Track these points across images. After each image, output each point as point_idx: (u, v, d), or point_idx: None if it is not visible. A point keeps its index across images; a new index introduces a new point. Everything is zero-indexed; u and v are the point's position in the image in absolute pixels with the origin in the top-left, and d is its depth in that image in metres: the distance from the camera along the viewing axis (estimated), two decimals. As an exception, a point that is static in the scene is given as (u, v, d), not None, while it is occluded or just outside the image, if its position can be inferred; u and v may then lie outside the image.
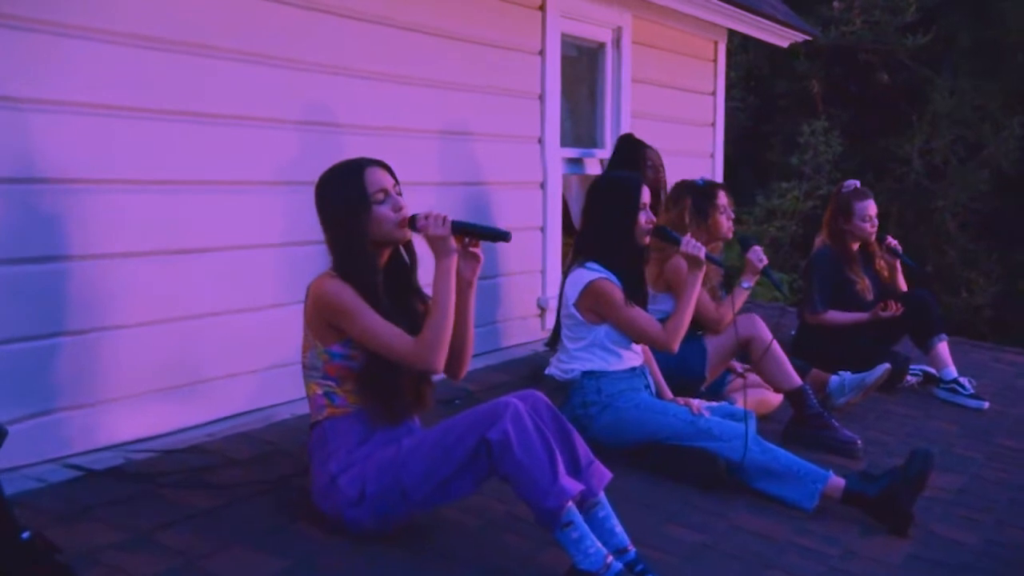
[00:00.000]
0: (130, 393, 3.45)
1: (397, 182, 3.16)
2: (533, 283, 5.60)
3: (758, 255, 4.76)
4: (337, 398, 3.10)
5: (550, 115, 5.63)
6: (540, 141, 5.61)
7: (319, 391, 3.11)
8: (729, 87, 14.84)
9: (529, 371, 4.92)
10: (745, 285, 4.83)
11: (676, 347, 4.25)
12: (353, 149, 4.25)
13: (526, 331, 5.51)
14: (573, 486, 2.97)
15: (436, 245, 3.09)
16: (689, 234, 4.38)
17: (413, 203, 4.83)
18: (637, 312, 4.18)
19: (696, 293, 4.26)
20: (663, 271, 4.89)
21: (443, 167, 4.97)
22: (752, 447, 4.06)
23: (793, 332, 6.53)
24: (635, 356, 4.30)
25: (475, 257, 3.19)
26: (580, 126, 6.36)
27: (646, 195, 4.25)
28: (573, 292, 4.21)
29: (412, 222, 3.10)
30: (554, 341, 4.41)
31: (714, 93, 7.84)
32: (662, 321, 4.27)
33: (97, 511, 2.91)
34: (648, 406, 4.19)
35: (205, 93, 3.67)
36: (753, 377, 5.06)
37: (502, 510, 3.37)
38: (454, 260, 3.10)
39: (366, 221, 3.06)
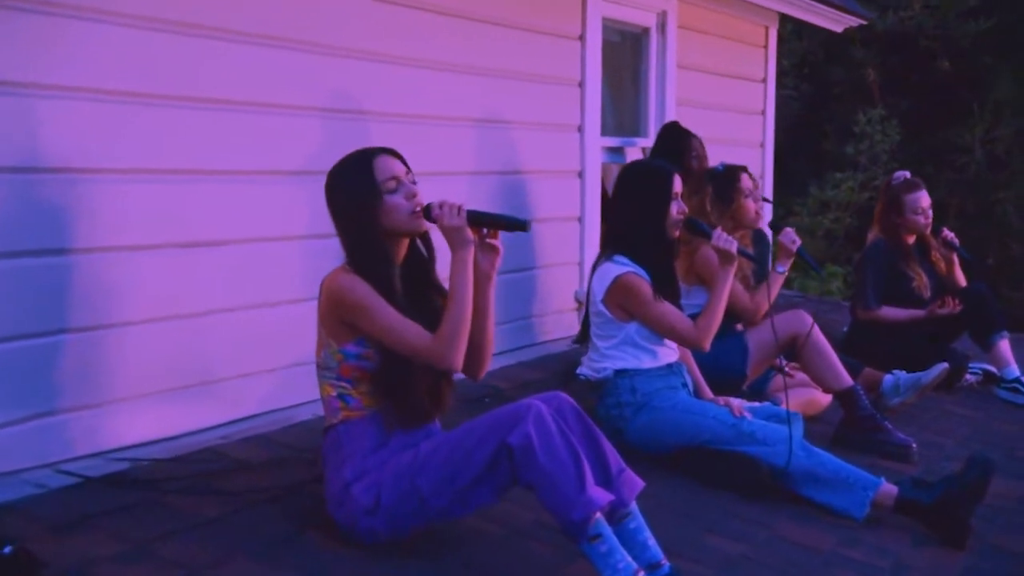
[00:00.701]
0: (137, 393, 3.28)
1: (410, 170, 2.98)
2: (570, 276, 5.39)
3: (790, 237, 4.50)
4: (352, 400, 2.92)
5: (590, 102, 5.42)
6: (579, 129, 5.40)
7: (333, 393, 2.94)
8: (782, 75, 14.53)
9: (563, 368, 4.72)
10: (780, 270, 4.58)
11: (708, 345, 4.03)
12: (382, 138, 4.11)
13: (562, 326, 5.31)
14: (602, 496, 2.77)
15: (451, 236, 2.90)
16: (720, 228, 4.14)
17: (447, 193, 4.66)
18: (667, 308, 3.97)
19: (727, 288, 4.03)
20: (693, 263, 4.65)
21: (478, 156, 4.78)
22: (797, 452, 3.84)
23: (845, 329, 6.30)
24: (670, 352, 4.09)
25: (493, 248, 3.00)
26: (622, 114, 6.15)
27: (678, 184, 4.05)
28: (600, 288, 4.01)
29: (426, 212, 2.92)
30: (583, 337, 4.21)
31: (764, 80, 7.59)
32: (694, 317, 4.06)
33: (96, 520, 2.74)
34: (686, 407, 3.97)
35: (218, 78, 3.51)
36: (801, 376, 4.83)
37: (528, 518, 3.18)
38: (471, 251, 2.92)
39: (378, 211, 2.88)
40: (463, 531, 3.06)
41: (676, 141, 5.65)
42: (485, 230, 2.97)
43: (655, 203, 4.02)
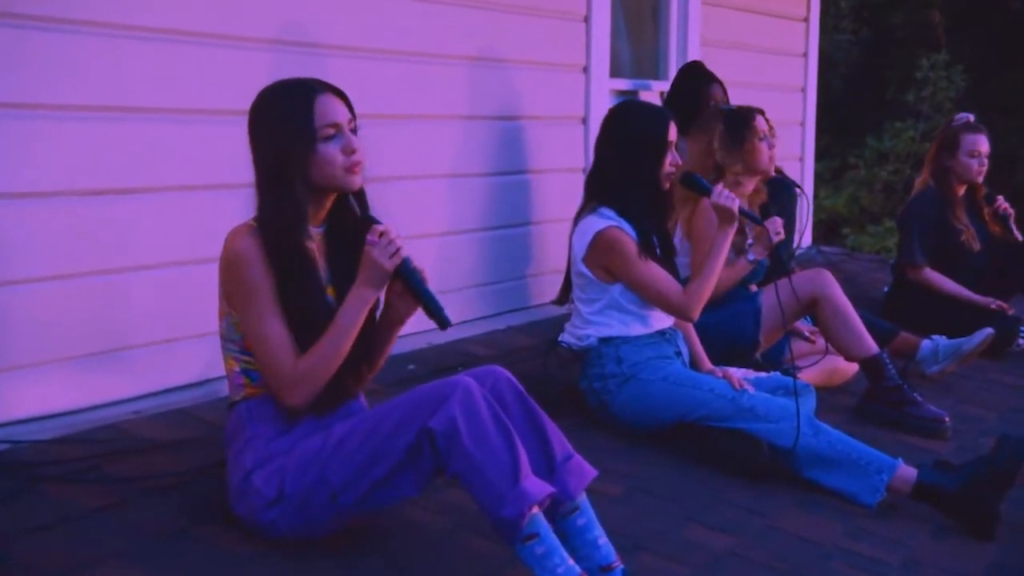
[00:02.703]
0: (29, 361, 2.90)
1: (354, 117, 2.54)
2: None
3: (776, 227, 4.00)
4: (257, 376, 2.53)
5: (597, 40, 4.94)
6: (585, 70, 4.93)
7: (236, 368, 2.55)
8: (840, 18, 13.89)
9: (556, 334, 4.28)
10: (751, 258, 4.07)
11: (696, 315, 3.58)
12: (359, 75, 3.70)
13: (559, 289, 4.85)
14: (538, 489, 2.37)
15: (369, 271, 2.47)
16: (721, 184, 3.67)
17: (437, 138, 4.35)
18: (653, 269, 3.52)
19: (724, 252, 3.57)
20: (694, 215, 4.15)
21: (471, 98, 4.37)
22: (803, 429, 3.39)
23: (886, 289, 5.80)
24: (663, 317, 3.65)
25: (414, 302, 2.57)
26: (639, 54, 5.65)
27: (673, 132, 3.59)
28: (581, 244, 3.57)
29: (366, 220, 2.52)
30: (564, 298, 3.77)
31: (807, 20, 7.04)
32: (685, 282, 3.62)
33: (-51, 512, 2.39)
34: (679, 379, 3.53)
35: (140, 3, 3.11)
36: (822, 343, 4.36)
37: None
38: (377, 295, 2.51)
39: (307, 160, 2.45)
40: (396, 523, 2.69)
41: (694, 85, 5.19)
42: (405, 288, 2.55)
43: (646, 150, 3.57)
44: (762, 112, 4.33)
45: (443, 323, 2.50)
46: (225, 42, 3.37)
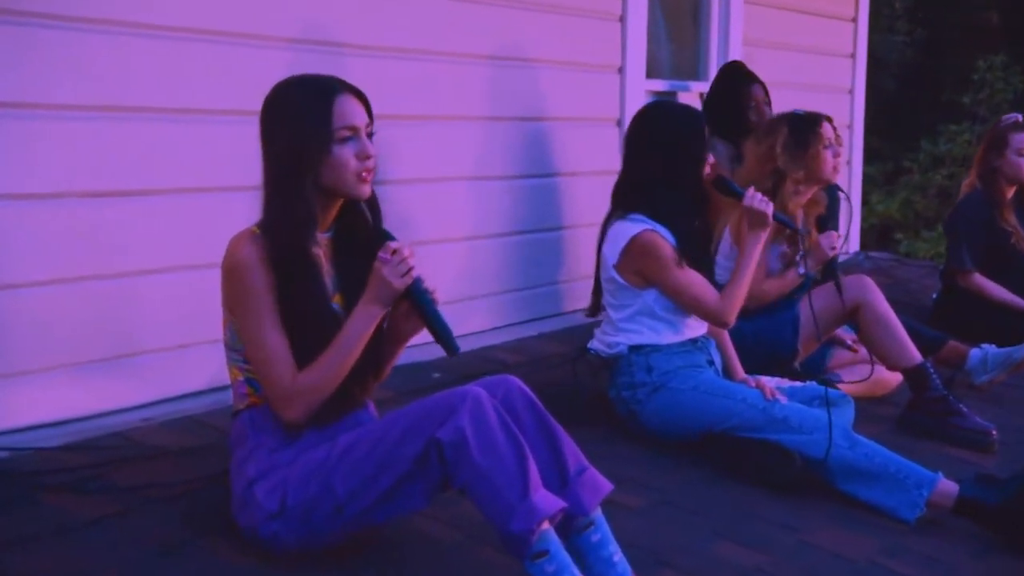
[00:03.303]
0: (36, 367, 2.84)
1: (372, 122, 2.45)
2: (607, 237, 4.82)
3: (831, 241, 3.86)
4: (261, 385, 2.45)
5: (633, 40, 4.83)
6: (620, 70, 4.82)
7: (240, 377, 2.46)
8: (894, 19, 13.64)
9: (586, 342, 4.19)
10: (800, 271, 3.94)
11: (732, 321, 3.48)
12: (376, 76, 3.63)
13: (593, 294, 4.75)
14: (549, 503, 2.27)
15: (377, 286, 2.37)
16: (752, 188, 3.55)
17: (464, 140, 4.27)
18: (692, 276, 3.40)
19: (756, 257, 3.48)
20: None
21: (500, 99, 4.27)
22: (839, 442, 3.26)
23: (935, 295, 5.62)
24: (696, 325, 3.53)
25: (421, 323, 2.48)
26: (678, 54, 5.53)
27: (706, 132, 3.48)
28: (613, 250, 3.46)
29: (380, 236, 2.43)
30: (595, 309, 3.65)
31: (855, 20, 6.87)
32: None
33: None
34: (709, 388, 3.41)
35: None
36: (865, 352, 4.21)
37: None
38: (382, 314, 2.42)
39: (319, 161, 2.36)
40: (405, 534, 2.59)
41: (734, 85, 5.06)
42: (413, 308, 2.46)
43: (685, 152, 3.45)
44: (830, 119, 4.19)
45: (451, 350, 2.40)
46: (237, 40, 3.30)
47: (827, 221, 4.42)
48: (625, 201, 3.53)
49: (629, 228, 3.44)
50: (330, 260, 2.50)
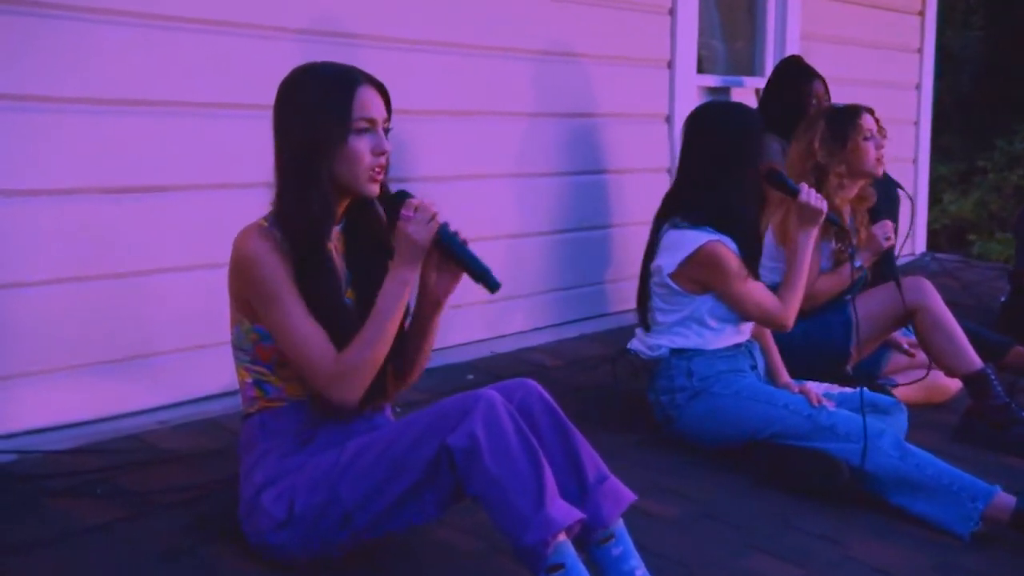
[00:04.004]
0: (48, 368, 2.78)
1: (390, 117, 2.35)
2: (654, 237, 4.69)
3: (885, 231, 3.70)
4: (271, 389, 2.36)
5: (683, 34, 4.70)
6: (669, 65, 4.70)
7: (248, 379, 2.37)
8: (969, 13, 13.26)
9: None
10: (857, 264, 3.77)
11: (792, 324, 3.37)
12: (416, 70, 3.56)
13: (640, 294, 4.63)
14: (565, 514, 2.15)
15: (404, 246, 2.26)
16: (805, 184, 3.41)
17: (507, 136, 4.17)
18: (754, 284, 3.30)
19: (808, 256, 3.38)
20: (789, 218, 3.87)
21: (544, 94, 4.18)
22: (890, 451, 3.10)
23: (1003, 298, 5.41)
24: (739, 332, 3.39)
25: (454, 278, 2.37)
26: (732, 49, 5.38)
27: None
28: (672, 259, 3.31)
29: (399, 197, 2.30)
30: (645, 322, 3.49)
31: (922, 13, 6.66)
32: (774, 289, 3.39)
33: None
34: (751, 393, 3.27)
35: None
36: (924, 356, 4.03)
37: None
38: (416, 273, 2.30)
39: (335, 152, 2.26)
40: (419, 542, 2.49)
41: (794, 81, 4.89)
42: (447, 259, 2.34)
43: (746, 155, 3.32)
44: (871, 110, 4.02)
45: (493, 285, 2.28)
46: (252, 32, 3.22)
47: (881, 217, 4.25)
48: (682, 208, 3.38)
49: (692, 238, 3.29)
50: (340, 254, 2.41)
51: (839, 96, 4.86)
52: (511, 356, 3.80)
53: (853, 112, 3.91)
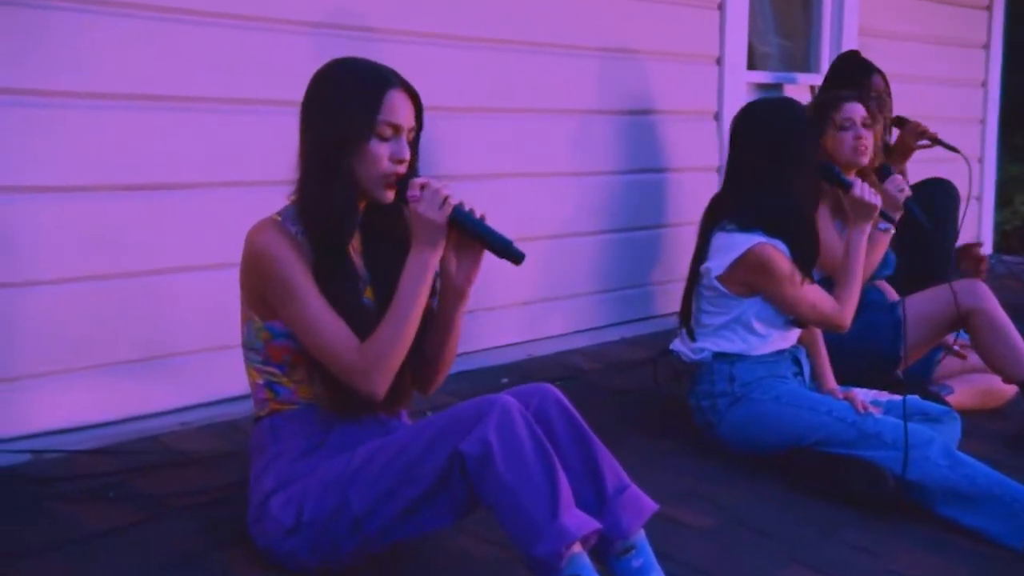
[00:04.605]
0: (65, 368, 2.74)
1: (419, 128, 2.28)
2: (703, 238, 4.57)
3: (897, 184, 3.55)
4: (283, 391, 2.30)
5: (732, 29, 4.58)
6: (718, 61, 4.58)
7: (259, 380, 2.32)
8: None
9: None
10: (882, 227, 3.62)
11: (849, 324, 3.28)
12: (471, 65, 3.53)
13: (688, 297, 4.52)
14: (580, 524, 2.06)
15: (421, 229, 2.18)
16: (858, 178, 3.30)
17: (550, 134, 4.08)
18: (808, 287, 3.19)
19: (863, 252, 3.27)
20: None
21: (587, 91, 4.10)
22: (939, 460, 2.98)
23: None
24: (785, 337, 3.28)
25: (475, 260, 2.28)
26: (786, 44, 5.24)
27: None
28: (720, 262, 3.21)
29: (401, 187, 2.23)
30: (689, 330, 3.39)
31: (989, 8, 6.46)
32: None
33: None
34: (794, 399, 3.15)
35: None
36: (977, 359, 3.88)
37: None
38: (436, 257, 2.21)
39: (355, 150, 2.19)
40: (434, 549, 2.42)
41: (853, 76, 4.74)
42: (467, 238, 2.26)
43: (795, 152, 3.21)
44: (857, 98, 3.87)
45: (517, 256, 2.19)
46: (266, 26, 3.16)
47: (946, 215, 4.13)
48: (730, 211, 3.27)
49: (741, 240, 3.18)
50: (358, 253, 2.34)
51: (902, 93, 4.72)
52: (548, 359, 3.72)
53: (831, 101, 3.78)
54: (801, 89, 5.09)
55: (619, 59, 4.17)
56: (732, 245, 3.19)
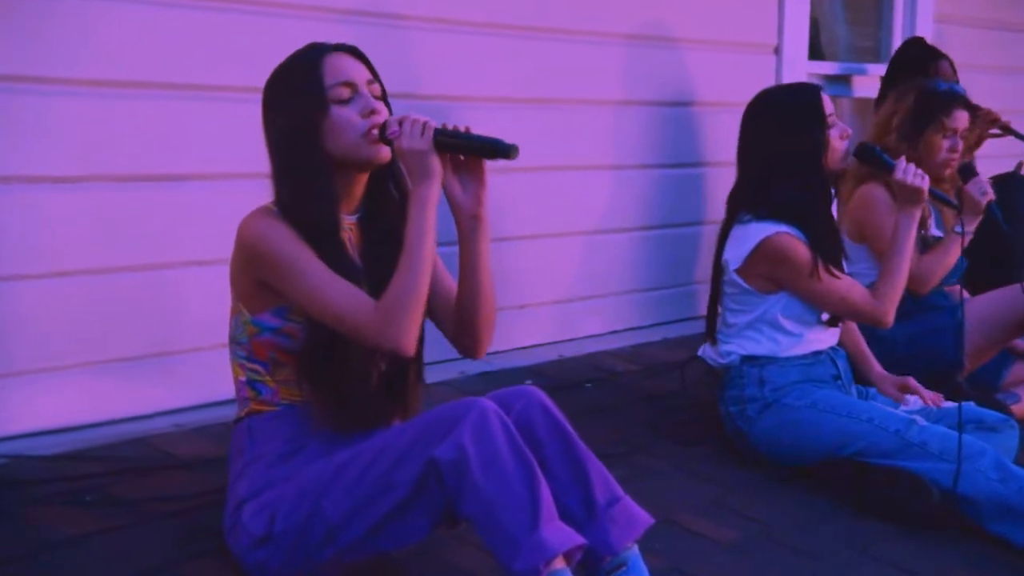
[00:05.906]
0: (52, 366, 2.64)
1: (375, 78, 2.18)
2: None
3: (980, 187, 3.33)
4: (265, 390, 2.19)
5: (792, 16, 4.37)
6: (776, 51, 4.37)
7: (242, 377, 2.22)
8: None
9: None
10: (957, 230, 3.38)
11: (891, 320, 3.04)
12: (508, 55, 3.45)
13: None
14: (561, 538, 1.92)
15: (411, 163, 2.08)
16: (904, 157, 3.08)
17: (591, 125, 3.93)
18: (832, 277, 2.97)
19: (911, 240, 3.05)
20: (865, 208, 3.53)
21: (632, 81, 3.93)
22: (990, 473, 2.78)
23: None
24: (822, 337, 3.08)
25: (478, 178, 2.15)
26: (854, 33, 5.01)
27: (829, 105, 3.03)
28: (737, 254, 3.03)
29: (381, 132, 2.12)
30: (712, 337, 3.21)
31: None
32: (869, 287, 3.06)
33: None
34: (830, 406, 2.95)
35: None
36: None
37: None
38: (435, 187, 2.08)
39: (320, 127, 2.10)
40: (423, 559, 2.28)
41: (919, 62, 4.50)
42: (462, 157, 2.14)
43: (804, 135, 3.02)
44: (968, 105, 3.64)
45: (508, 151, 2.08)
46: (288, 12, 3.04)
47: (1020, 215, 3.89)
48: (745, 203, 3.09)
49: (755, 230, 3.01)
50: (357, 246, 2.22)
51: (975, 83, 4.46)
52: (579, 360, 3.57)
53: (945, 102, 3.54)
54: (871, 80, 4.84)
55: (665, 48, 4.00)
56: (747, 236, 3.02)
